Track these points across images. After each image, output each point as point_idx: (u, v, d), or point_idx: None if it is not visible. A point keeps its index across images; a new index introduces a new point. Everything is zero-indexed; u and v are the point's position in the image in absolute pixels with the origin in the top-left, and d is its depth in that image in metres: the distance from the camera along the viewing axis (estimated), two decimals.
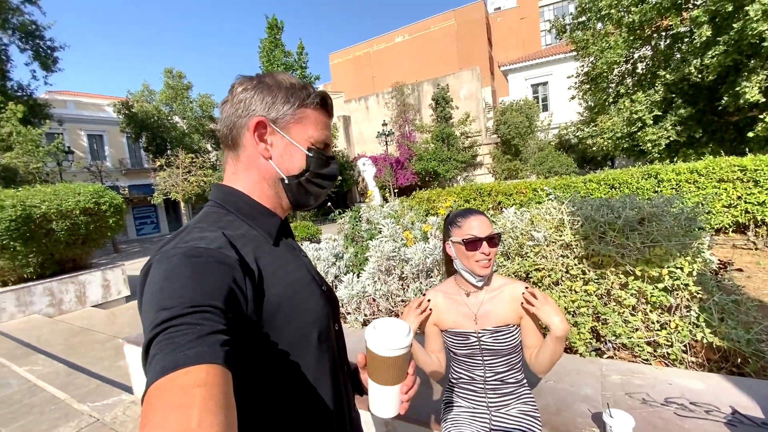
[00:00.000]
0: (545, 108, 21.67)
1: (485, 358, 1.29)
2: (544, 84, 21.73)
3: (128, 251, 19.17)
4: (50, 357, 4.35)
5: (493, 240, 1.21)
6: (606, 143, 12.10)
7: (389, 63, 32.72)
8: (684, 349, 1.85)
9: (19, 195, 6.67)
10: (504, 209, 5.47)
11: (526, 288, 1.24)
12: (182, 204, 16.97)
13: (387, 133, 20.94)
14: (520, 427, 1.24)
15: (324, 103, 0.74)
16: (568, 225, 1.94)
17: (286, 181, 0.71)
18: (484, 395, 1.31)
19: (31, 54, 17.60)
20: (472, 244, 1.19)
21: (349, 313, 2.68)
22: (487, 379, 1.30)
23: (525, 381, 1.35)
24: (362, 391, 0.87)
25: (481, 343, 1.27)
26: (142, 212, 26.69)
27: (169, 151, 22.12)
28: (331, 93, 29.22)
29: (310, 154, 0.71)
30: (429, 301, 1.29)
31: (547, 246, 1.99)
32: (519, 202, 4.78)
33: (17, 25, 16.96)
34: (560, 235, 1.97)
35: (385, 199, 21.93)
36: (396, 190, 23.78)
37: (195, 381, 0.39)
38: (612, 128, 11.71)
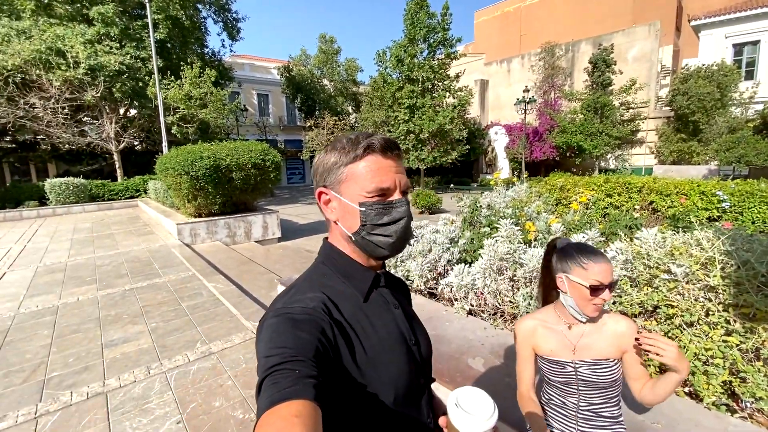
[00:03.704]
0: (749, 75, 16.56)
1: (580, 388, 1.32)
2: (754, 43, 16.44)
3: (280, 197, 22.79)
4: (227, 278, 5.74)
5: (613, 287, 1.22)
6: None
7: (543, 20, 28.90)
8: None
9: (212, 149, 8.56)
10: (656, 211, 4.61)
11: (639, 333, 1.22)
12: None
13: (527, 100, 19.08)
14: None
15: (373, 149, 0.74)
16: (719, 266, 1.67)
17: (353, 239, 0.77)
18: (575, 423, 1.34)
19: (222, 25, 21.24)
20: (596, 290, 1.18)
21: (456, 300, 2.86)
22: (580, 408, 1.33)
23: (621, 419, 1.32)
24: None
25: (578, 374, 1.30)
26: (293, 164, 31.09)
27: (317, 112, 24.81)
28: (471, 54, 27.86)
29: (363, 209, 0.74)
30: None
31: (686, 284, 1.76)
32: (679, 206, 3.88)
33: (213, 0, 20.52)
34: (706, 275, 1.72)
35: (516, 175, 20.54)
36: (529, 164, 22.00)
37: (293, 412, 0.49)
38: None
